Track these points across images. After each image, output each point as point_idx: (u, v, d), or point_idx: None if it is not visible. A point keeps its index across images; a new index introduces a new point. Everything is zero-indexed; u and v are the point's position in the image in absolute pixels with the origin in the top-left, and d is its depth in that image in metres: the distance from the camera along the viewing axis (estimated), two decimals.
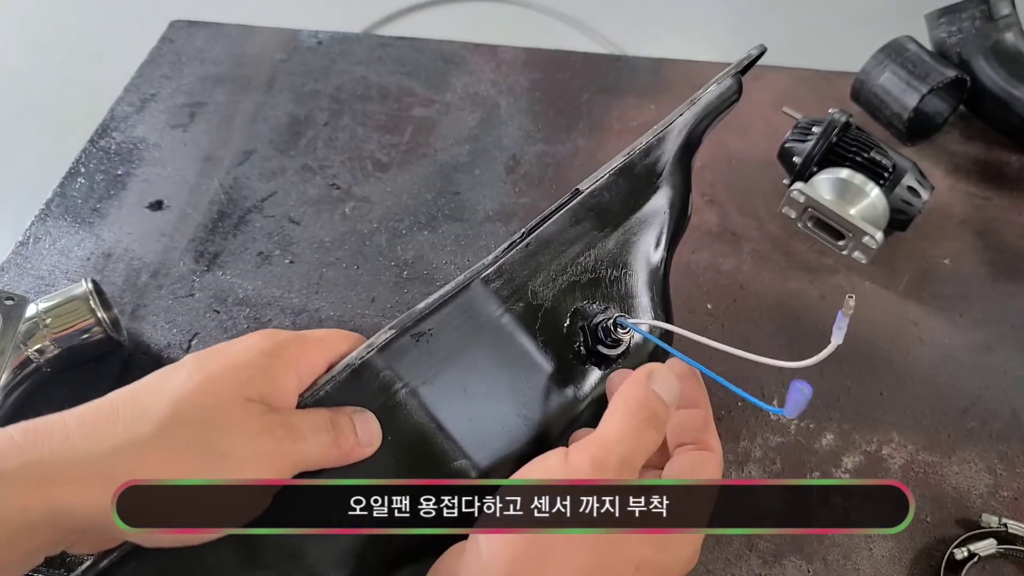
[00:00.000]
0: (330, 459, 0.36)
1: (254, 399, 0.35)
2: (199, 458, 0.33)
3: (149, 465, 0.32)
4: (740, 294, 0.67)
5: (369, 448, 0.38)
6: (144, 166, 0.78)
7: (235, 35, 0.92)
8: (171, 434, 0.33)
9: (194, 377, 0.35)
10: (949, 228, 0.73)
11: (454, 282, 0.41)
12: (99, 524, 0.32)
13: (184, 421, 0.33)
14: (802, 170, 0.70)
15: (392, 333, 0.39)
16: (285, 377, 0.37)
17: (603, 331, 0.42)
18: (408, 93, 0.85)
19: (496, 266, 0.42)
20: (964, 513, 0.55)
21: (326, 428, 0.36)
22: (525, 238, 0.43)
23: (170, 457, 0.32)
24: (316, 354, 0.38)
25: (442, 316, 0.40)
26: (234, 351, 0.37)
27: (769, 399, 0.61)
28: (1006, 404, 0.61)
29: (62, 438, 0.32)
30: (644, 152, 0.46)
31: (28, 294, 0.63)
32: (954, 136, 0.80)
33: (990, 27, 0.76)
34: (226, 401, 0.34)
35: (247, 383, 0.35)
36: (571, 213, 0.44)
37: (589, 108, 0.83)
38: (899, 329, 0.65)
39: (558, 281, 0.43)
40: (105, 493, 0.31)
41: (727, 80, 0.48)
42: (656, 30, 2.04)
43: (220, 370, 0.35)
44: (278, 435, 0.35)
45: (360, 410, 0.38)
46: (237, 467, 0.33)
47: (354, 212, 0.74)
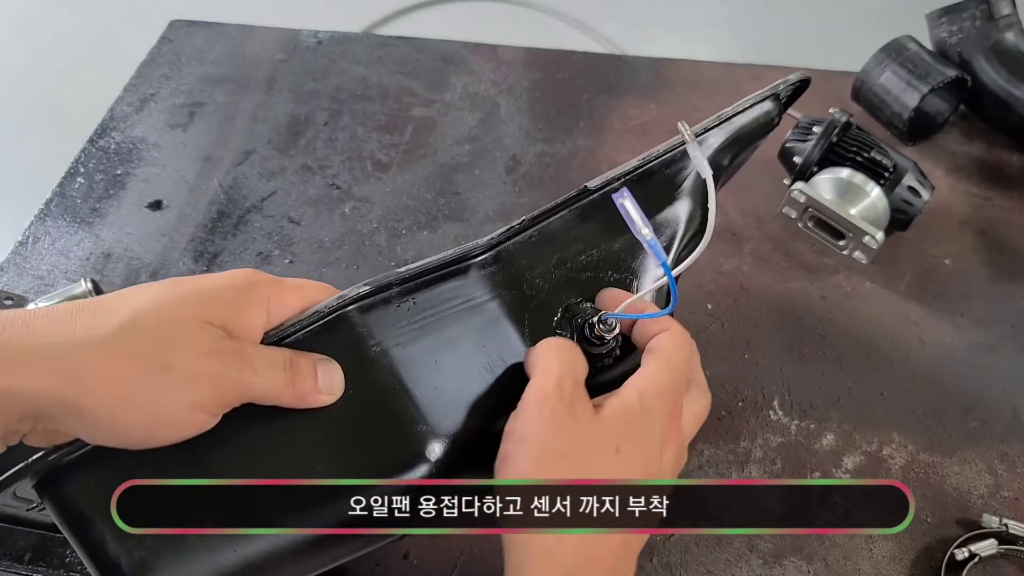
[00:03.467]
0: (283, 398, 0.37)
1: (214, 323, 0.36)
2: (146, 366, 0.34)
3: (97, 364, 0.33)
4: (741, 294, 0.67)
5: (329, 396, 0.38)
6: (143, 166, 0.78)
7: (235, 35, 0.92)
8: (124, 339, 0.34)
9: (162, 294, 0.36)
10: (950, 228, 0.72)
11: (447, 255, 0.41)
12: (49, 413, 0.33)
13: (138, 330, 0.34)
14: (803, 170, 0.70)
15: (367, 289, 0.39)
16: (252, 311, 0.37)
17: (588, 328, 0.42)
18: (408, 93, 0.85)
19: (496, 251, 0.42)
20: (965, 513, 0.55)
21: (283, 366, 0.37)
22: (527, 228, 0.43)
23: (118, 359, 0.33)
24: (290, 296, 0.39)
25: (432, 290, 0.40)
26: (208, 279, 0.38)
27: (769, 400, 0.61)
28: (1007, 404, 0.60)
29: (23, 326, 0.33)
30: (666, 162, 0.45)
31: (27, 294, 0.62)
32: (955, 136, 0.80)
33: (991, 27, 0.76)
34: (184, 318, 0.35)
35: (210, 307, 0.36)
36: (580, 210, 0.44)
37: (589, 108, 0.83)
38: (900, 329, 0.65)
39: (556, 275, 0.43)
40: (57, 383, 0.32)
41: (767, 103, 0.46)
42: (656, 30, 2.04)
43: (188, 291, 0.36)
44: (227, 360, 0.35)
45: (325, 358, 0.38)
46: (180, 381, 0.34)
47: (354, 212, 0.74)
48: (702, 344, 0.64)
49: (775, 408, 0.60)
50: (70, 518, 0.36)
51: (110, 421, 0.34)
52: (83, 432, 0.34)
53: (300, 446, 0.38)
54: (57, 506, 0.36)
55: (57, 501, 0.36)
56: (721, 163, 0.46)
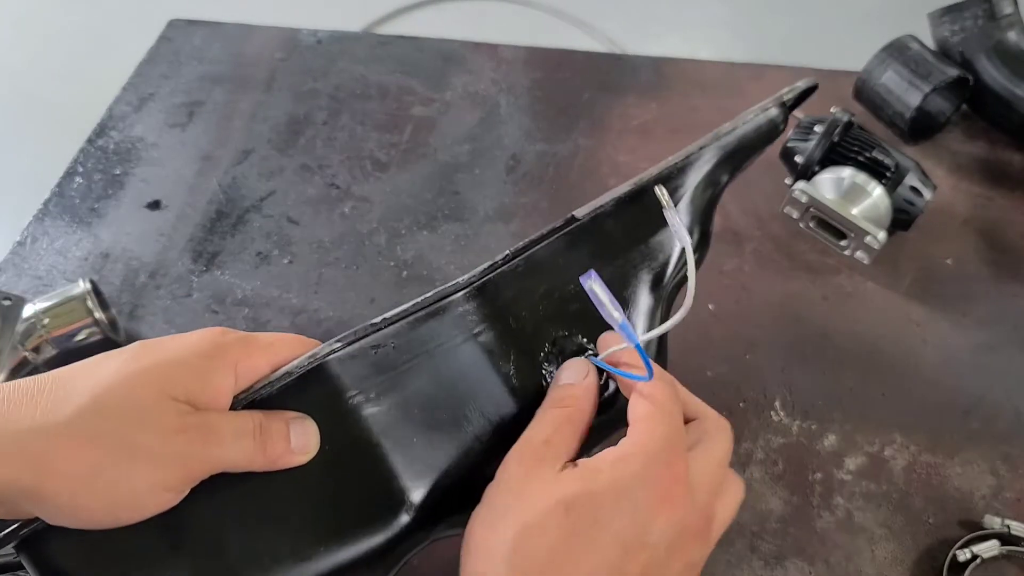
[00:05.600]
0: (255, 463, 0.36)
1: (179, 398, 0.35)
2: (107, 448, 0.33)
3: (58, 451, 0.32)
4: (742, 294, 0.67)
5: (303, 456, 0.37)
6: (142, 165, 0.78)
7: (234, 34, 0.92)
8: (85, 423, 0.33)
9: (123, 369, 0.35)
10: (952, 228, 0.72)
11: (426, 296, 0.39)
12: (10, 499, 0.33)
13: (100, 412, 0.33)
14: (804, 170, 0.69)
15: (339, 345, 0.38)
16: (220, 378, 0.36)
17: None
18: (408, 92, 0.85)
19: (480, 283, 0.39)
20: (967, 514, 0.55)
21: (251, 433, 0.36)
22: (509, 260, 0.40)
23: (78, 443, 0.33)
24: (260, 357, 0.38)
25: (411, 332, 0.38)
26: (174, 346, 0.37)
27: (771, 401, 0.60)
28: (1009, 405, 0.60)
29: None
30: (656, 180, 0.42)
31: (26, 294, 0.62)
32: (957, 135, 0.80)
33: (993, 26, 0.75)
34: (148, 396, 0.34)
35: (175, 381, 0.35)
36: (568, 237, 0.41)
37: (590, 107, 0.83)
38: (902, 330, 0.65)
39: (543, 308, 0.40)
40: (16, 470, 0.32)
41: (772, 110, 0.44)
42: (657, 29, 2.04)
43: (151, 365, 0.35)
44: (192, 436, 0.34)
45: (300, 416, 0.37)
46: (145, 463, 0.33)
47: (353, 212, 0.73)
48: (704, 344, 0.64)
49: (777, 409, 0.60)
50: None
51: (70, 507, 0.33)
52: (44, 515, 0.34)
53: (273, 505, 0.37)
54: (37, 566, 0.35)
55: (37, 560, 0.35)
56: (720, 179, 0.44)
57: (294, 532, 0.37)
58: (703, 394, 0.61)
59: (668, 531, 0.35)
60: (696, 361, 0.62)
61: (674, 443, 0.36)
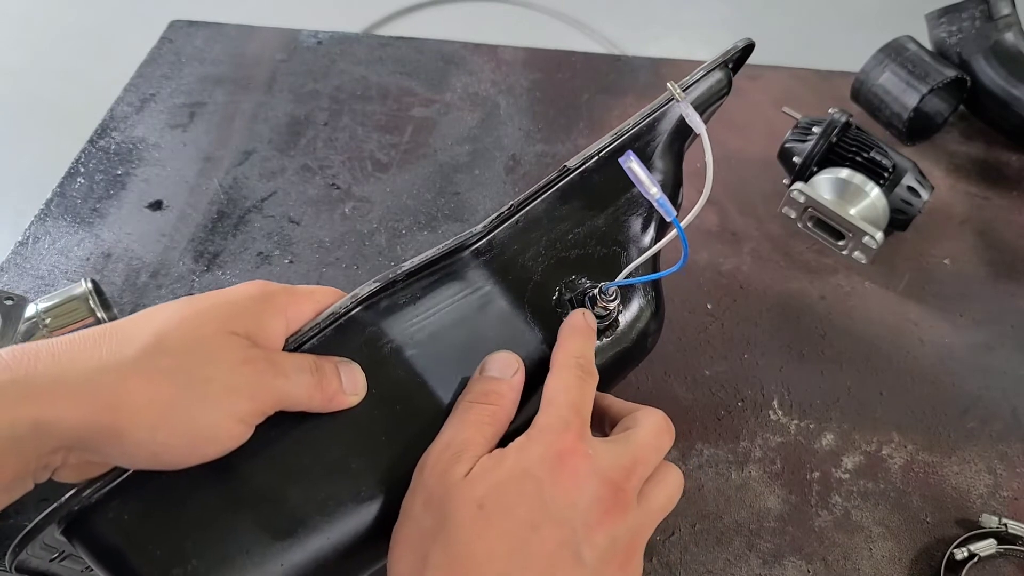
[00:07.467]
0: (313, 402, 0.37)
1: (239, 333, 0.36)
2: (180, 383, 0.33)
3: (131, 386, 0.33)
4: (740, 294, 0.67)
5: (354, 397, 0.38)
6: (144, 166, 0.78)
7: (235, 35, 0.92)
8: (153, 360, 0.33)
9: (181, 311, 0.36)
10: (949, 228, 0.73)
11: (444, 246, 0.42)
12: (82, 442, 0.32)
13: (166, 349, 0.34)
14: (802, 170, 0.70)
15: (376, 285, 0.40)
16: (272, 320, 0.38)
17: (589, 301, 0.43)
18: (408, 93, 0.85)
19: (487, 239, 0.43)
20: (964, 513, 0.55)
21: (310, 370, 0.37)
22: (514, 212, 0.44)
23: (151, 380, 0.33)
24: (305, 303, 0.40)
25: (433, 282, 0.42)
26: (223, 293, 0.38)
27: (769, 400, 0.61)
28: (1006, 404, 0.61)
29: (49, 357, 0.33)
30: (634, 137, 0.47)
31: (27, 294, 0.63)
32: (954, 136, 0.80)
33: (990, 27, 0.76)
34: (210, 333, 0.35)
35: (233, 319, 0.36)
36: (560, 192, 0.45)
37: (589, 108, 0.83)
38: (899, 329, 0.65)
39: (548, 256, 0.44)
40: (91, 410, 0.32)
41: (716, 74, 0.48)
42: (656, 30, 2.05)
43: (208, 306, 0.36)
44: (260, 367, 0.35)
45: (346, 360, 0.39)
46: (218, 394, 0.34)
47: (354, 212, 0.74)
48: (702, 344, 0.65)
49: (775, 408, 0.60)
50: (104, 556, 0.35)
51: (150, 443, 0.33)
52: (122, 458, 0.34)
53: (332, 448, 0.38)
54: (88, 545, 0.35)
55: (88, 540, 0.35)
56: (686, 133, 0.47)
57: (354, 475, 0.38)
58: (701, 393, 0.62)
59: (578, 504, 0.35)
60: (694, 360, 0.63)
61: (569, 422, 0.37)
